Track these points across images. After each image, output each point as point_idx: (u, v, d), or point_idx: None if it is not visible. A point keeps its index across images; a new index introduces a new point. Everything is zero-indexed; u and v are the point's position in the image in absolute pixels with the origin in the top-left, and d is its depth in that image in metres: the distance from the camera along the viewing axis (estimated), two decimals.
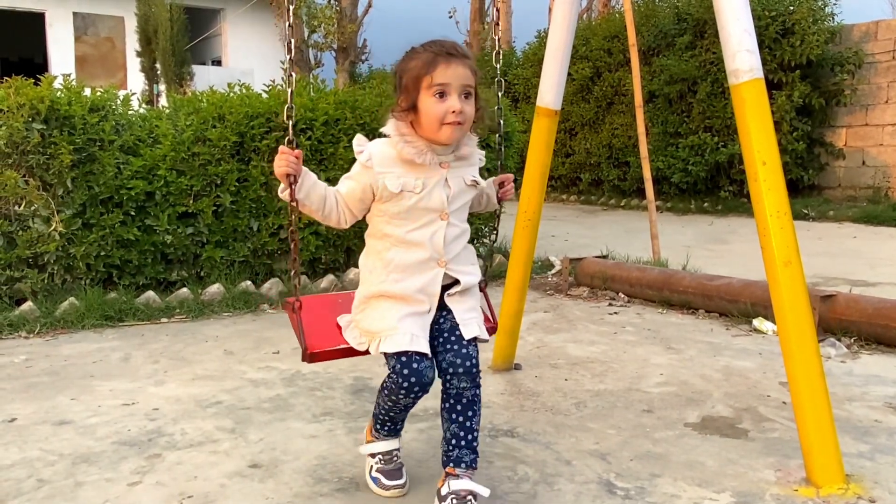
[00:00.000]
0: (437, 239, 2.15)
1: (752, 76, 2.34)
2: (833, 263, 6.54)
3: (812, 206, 10.32)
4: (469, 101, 2.11)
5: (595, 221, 10.21)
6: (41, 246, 4.42)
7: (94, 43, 17.70)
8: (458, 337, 2.15)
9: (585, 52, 12.45)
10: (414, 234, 2.14)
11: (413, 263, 2.14)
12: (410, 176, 2.12)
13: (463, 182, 2.19)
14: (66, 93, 4.50)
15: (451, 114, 2.06)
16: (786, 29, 10.34)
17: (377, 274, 2.17)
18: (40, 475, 2.44)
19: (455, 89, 2.07)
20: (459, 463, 2.14)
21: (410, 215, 2.14)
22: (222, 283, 4.82)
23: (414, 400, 2.12)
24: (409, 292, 2.13)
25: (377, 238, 2.20)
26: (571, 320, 4.60)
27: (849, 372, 3.54)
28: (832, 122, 11.07)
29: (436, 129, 2.08)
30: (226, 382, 3.37)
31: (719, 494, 2.28)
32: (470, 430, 2.15)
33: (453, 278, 2.20)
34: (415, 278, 2.14)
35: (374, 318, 2.15)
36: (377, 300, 2.16)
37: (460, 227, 2.22)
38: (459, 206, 2.21)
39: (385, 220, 2.17)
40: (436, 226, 2.15)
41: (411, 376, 2.05)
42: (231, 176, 4.83)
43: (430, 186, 2.13)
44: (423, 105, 2.08)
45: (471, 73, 2.10)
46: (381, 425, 2.32)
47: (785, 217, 2.32)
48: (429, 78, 2.06)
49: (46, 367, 3.61)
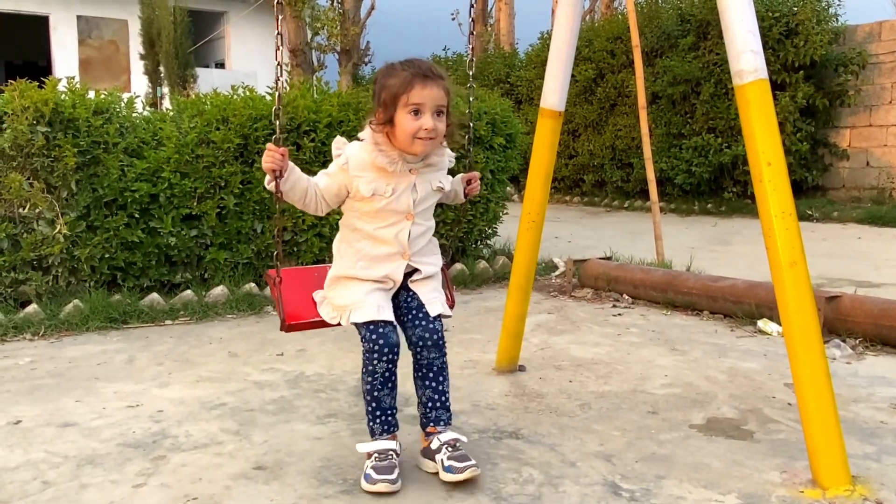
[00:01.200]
0: (402, 236, 2.41)
1: (757, 77, 2.34)
2: (838, 264, 6.53)
3: (816, 207, 10.30)
4: (441, 119, 2.34)
5: (598, 223, 10.20)
6: (46, 248, 4.43)
7: (98, 46, 17.73)
8: (425, 314, 2.42)
9: (588, 54, 12.43)
10: (381, 232, 2.40)
11: (380, 255, 2.41)
12: (382, 181, 2.36)
13: (430, 187, 2.44)
14: (71, 95, 4.51)
15: (424, 130, 2.30)
16: (789, 29, 10.32)
17: (347, 260, 2.43)
18: (45, 477, 2.44)
19: (429, 108, 2.30)
20: (439, 422, 2.46)
21: (379, 215, 2.39)
22: (226, 286, 4.82)
23: (387, 365, 2.32)
24: (375, 278, 2.40)
25: (349, 229, 2.46)
26: (575, 322, 4.59)
27: (854, 373, 3.53)
28: (836, 123, 11.04)
29: (409, 142, 2.32)
30: (230, 384, 3.37)
31: (725, 496, 2.28)
32: (443, 393, 2.46)
33: (415, 267, 2.46)
34: (381, 266, 2.41)
35: (343, 294, 2.41)
36: (347, 280, 2.42)
37: (425, 226, 2.48)
38: (425, 208, 2.46)
39: (357, 215, 2.42)
40: (401, 225, 2.41)
41: (379, 339, 2.30)
42: (235, 178, 4.83)
43: (399, 192, 2.38)
44: (399, 120, 2.31)
45: (444, 94, 2.33)
46: (373, 418, 2.40)
47: (790, 218, 2.31)
48: (405, 97, 2.29)
49: (51, 370, 3.61)
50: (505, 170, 6.16)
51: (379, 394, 2.36)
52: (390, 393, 2.39)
